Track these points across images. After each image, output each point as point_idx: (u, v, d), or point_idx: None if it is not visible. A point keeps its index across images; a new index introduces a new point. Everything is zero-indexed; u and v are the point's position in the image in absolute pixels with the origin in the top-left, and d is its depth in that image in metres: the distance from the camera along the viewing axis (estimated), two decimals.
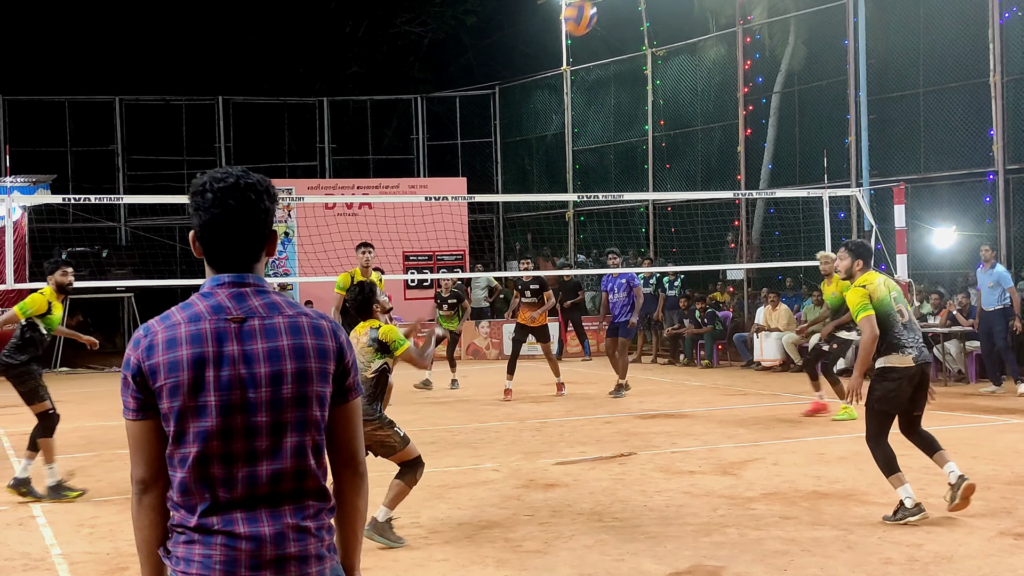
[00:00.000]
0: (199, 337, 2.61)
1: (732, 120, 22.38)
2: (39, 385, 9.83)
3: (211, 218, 2.67)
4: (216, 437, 2.58)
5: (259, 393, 2.60)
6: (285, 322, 2.67)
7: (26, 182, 23.46)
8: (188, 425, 2.59)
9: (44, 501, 9.08)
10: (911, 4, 19.14)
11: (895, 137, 19.47)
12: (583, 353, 22.43)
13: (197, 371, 2.59)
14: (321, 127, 29.09)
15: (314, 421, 2.67)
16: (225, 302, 2.67)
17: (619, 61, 25.43)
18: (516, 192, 27.72)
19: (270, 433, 2.61)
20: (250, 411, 2.60)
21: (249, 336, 2.63)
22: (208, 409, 2.58)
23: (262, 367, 2.61)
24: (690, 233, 22.66)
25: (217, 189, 2.67)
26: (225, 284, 2.70)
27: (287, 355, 2.63)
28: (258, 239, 2.73)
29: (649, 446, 11.10)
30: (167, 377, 2.59)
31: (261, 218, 2.71)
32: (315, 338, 2.69)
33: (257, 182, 2.71)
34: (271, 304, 2.70)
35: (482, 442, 11.71)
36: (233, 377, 2.59)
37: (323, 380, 2.68)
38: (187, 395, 2.58)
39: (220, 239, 2.70)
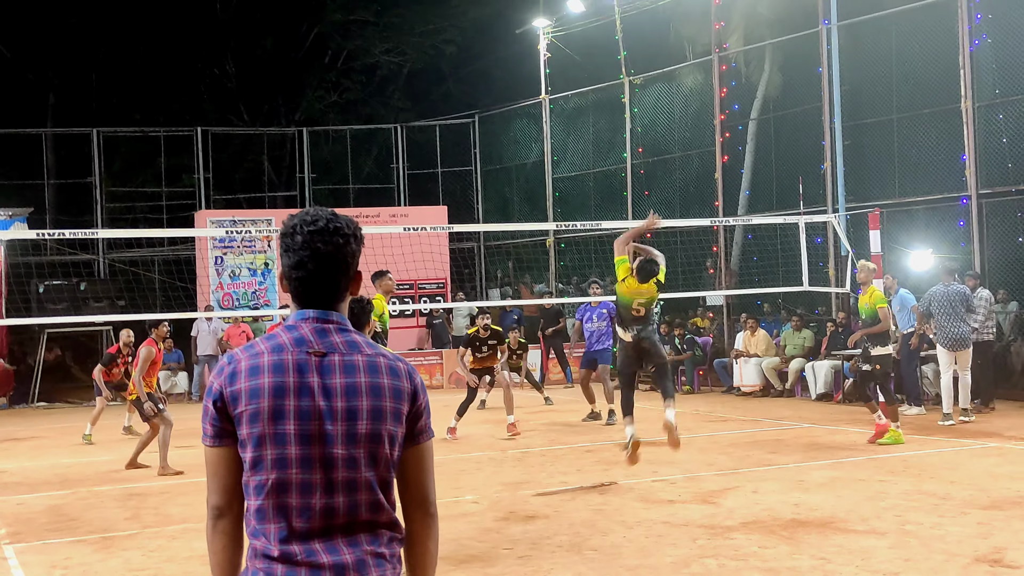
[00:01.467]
0: (281, 367, 2.69)
1: (709, 147, 22.52)
2: None
3: (300, 260, 2.78)
4: (295, 465, 2.65)
5: (336, 426, 2.67)
6: (364, 360, 2.75)
7: (2, 215, 23.37)
8: (266, 452, 2.66)
9: None
10: (883, 32, 19.34)
11: (870, 163, 19.62)
12: (565, 380, 22.45)
13: (278, 399, 2.67)
14: (300, 157, 29.12)
15: (385, 459, 2.73)
16: (308, 336, 2.75)
17: (597, 89, 25.57)
18: (497, 220, 27.76)
19: (346, 466, 2.67)
20: (328, 443, 2.66)
21: (329, 370, 2.71)
22: (287, 437, 2.65)
23: (339, 402, 2.68)
24: (669, 259, 22.62)
25: (307, 232, 2.78)
26: (309, 319, 2.78)
27: (364, 392, 2.71)
28: (343, 280, 2.83)
29: (629, 475, 11.10)
30: (248, 403, 2.67)
31: (348, 260, 2.82)
32: (391, 378, 2.76)
33: (345, 225, 2.81)
34: (352, 342, 2.78)
35: (463, 473, 11.70)
36: (312, 408, 2.67)
37: (396, 420, 2.75)
38: (267, 422, 2.66)
39: (307, 280, 2.80)
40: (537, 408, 16.89)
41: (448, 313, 24.36)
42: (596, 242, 25.09)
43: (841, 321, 18.46)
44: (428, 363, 23.11)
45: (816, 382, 18.15)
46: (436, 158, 29.20)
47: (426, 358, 23.26)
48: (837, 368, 17.91)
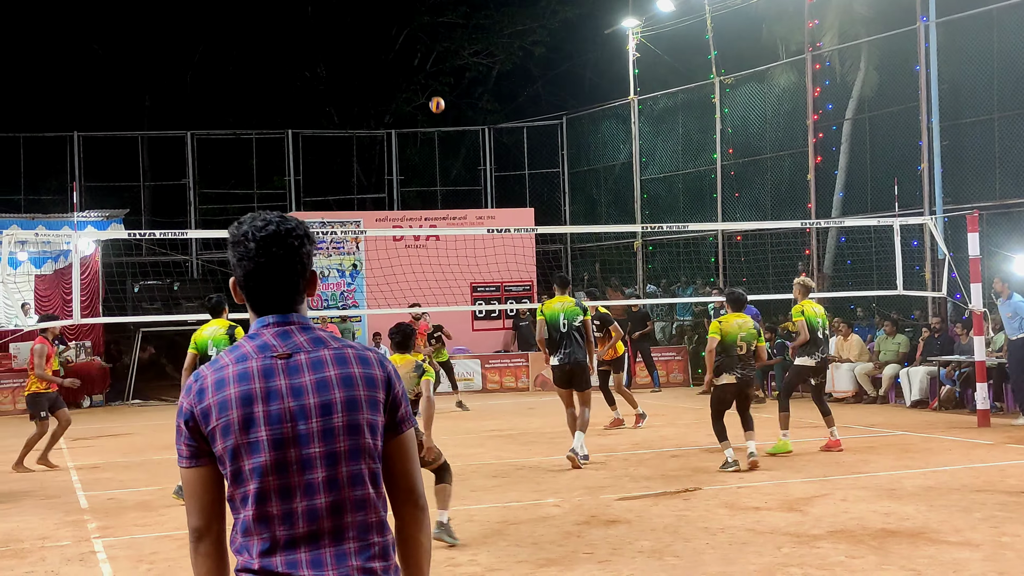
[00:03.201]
0: (246, 375, 2.63)
1: (802, 148, 22.10)
2: None
3: (256, 267, 2.70)
4: (271, 472, 2.58)
5: (310, 424, 2.60)
6: (331, 354, 2.68)
7: (99, 216, 23.92)
8: (243, 463, 2.60)
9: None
10: (984, 28, 18.76)
11: (969, 163, 19.05)
12: (652, 384, 22.20)
13: (246, 408, 2.60)
14: (389, 159, 29.31)
15: (368, 449, 2.65)
16: (271, 340, 2.69)
17: (687, 90, 25.29)
18: (584, 222, 27.63)
19: (325, 464, 2.60)
20: (302, 443, 2.59)
21: (296, 370, 2.64)
22: (260, 444, 2.59)
23: (311, 398, 2.61)
24: (760, 262, 22.38)
25: (260, 239, 2.69)
26: (270, 324, 2.72)
27: (335, 384, 2.64)
28: (301, 282, 2.75)
29: (715, 481, 10.90)
30: (218, 417, 2.61)
31: (304, 262, 2.74)
32: (362, 367, 2.69)
33: (295, 226, 2.73)
34: (316, 339, 2.71)
35: (546, 476, 11.60)
36: (283, 411, 2.60)
37: (373, 408, 2.67)
38: (238, 433, 2.59)
39: (265, 286, 2.72)
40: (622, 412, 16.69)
41: (534, 315, 24.24)
42: (684, 244, 24.81)
43: (936, 326, 17.94)
44: (514, 365, 23.06)
45: (911, 388, 17.66)
46: (524, 160, 29.18)
47: (512, 360, 23.21)
48: (933, 374, 17.42)
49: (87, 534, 9.31)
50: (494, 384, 22.81)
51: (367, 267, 23.79)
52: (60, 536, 9.28)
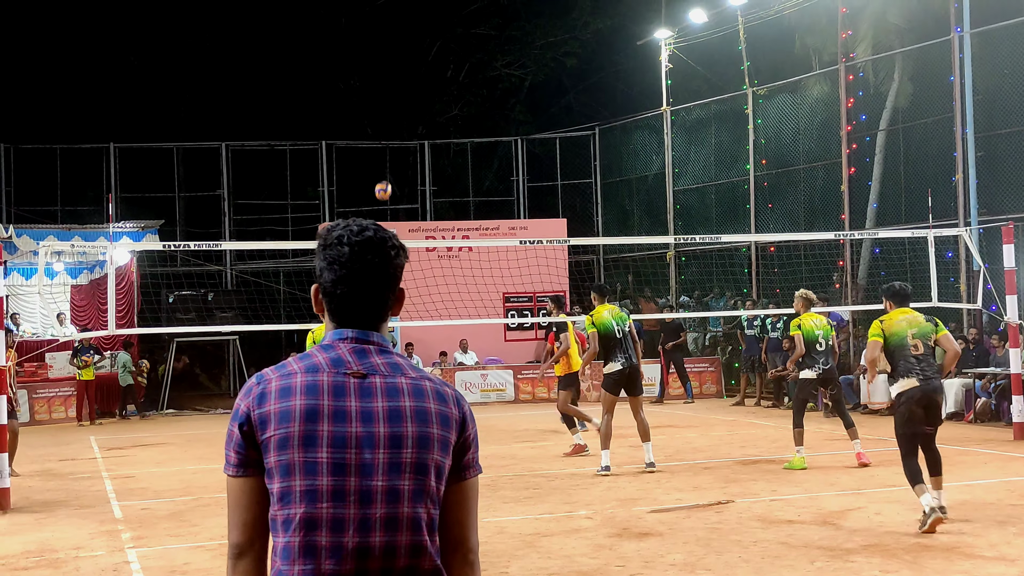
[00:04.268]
0: (315, 388, 2.45)
1: (835, 159, 22.00)
2: None
3: (348, 273, 2.53)
4: (326, 499, 2.40)
5: (376, 455, 2.42)
6: (408, 383, 2.51)
7: (135, 227, 24.15)
8: (295, 483, 2.41)
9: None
10: (1019, 39, 18.62)
11: (1004, 174, 18.89)
12: (685, 395, 22.15)
13: (310, 423, 2.42)
14: (422, 170, 29.43)
15: (431, 493, 2.48)
16: (346, 356, 2.51)
17: (720, 100, 25.25)
18: (617, 233, 27.62)
19: (386, 500, 2.42)
20: (365, 474, 2.41)
21: (369, 393, 2.46)
22: (319, 466, 2.40)
23: (382, 427, 2.44)
24: (794, 274, 22.27)
25: (355, 243, 2.54)
26: (348, 339, 2.54)
27: (409, 417, 2.46)
28: (389, 297, 2.59)
29: (748, 493, 10.86)
30: (277, 427, 2.42)
31: (397, 275, 2.59)
32: (438, 403, 2.51)
33: (392, 236, 2.60)
34: (394, 364, 2.54)
35: (577, 488, 11.59)
36: (349, 434, 2.42)
37: (444, 450, 2.49)
38: (296, 448, 2.41)
39: (352, 295, 2.55)
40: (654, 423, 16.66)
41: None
42: (717, 255, 24.74)
43: (973, 338, 17.80)
44: (546, 375, 23.00)
45: (946, 401, 17.49)
46: (556, 171, 29.22)
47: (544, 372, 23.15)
48: (968, 387, 17.27)
49: (121, 544, 9.38)
50: (526, 395, 22.82)
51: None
52: (94, 546, 9.36)
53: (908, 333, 9.11)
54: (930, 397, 9.05)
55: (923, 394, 8.98)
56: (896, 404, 9.15)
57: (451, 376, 22.49)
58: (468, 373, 22.86)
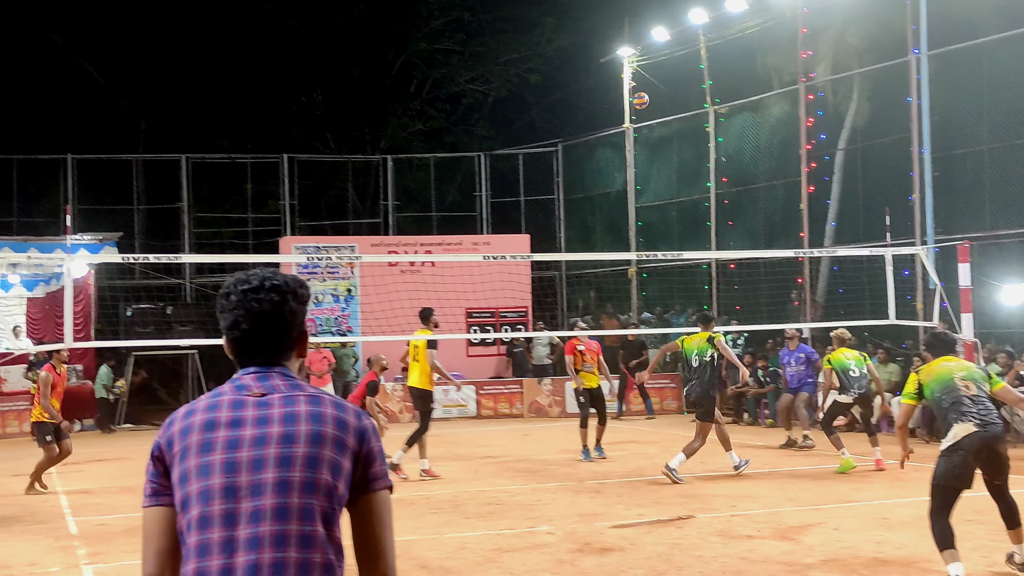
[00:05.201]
0: (216, 405, 2.62)
1: (795, 177, 22.21)
2: None
3: (235, 319, 2.70)
4: (219, 496, 2.50)
5: (267, 451, 2.53)
6: (306, 396, 2.64)
7: (92, 240, 23.91)
8: (191, 487, 2.52)
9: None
10: (975, 61, 18.91)
11: (960, 194, 19.16)
12: (646, 412, 22.21)
13: (207, 432, 2.57)
14: (384, 184, 29.41)
15: (324, 485, 2.53)
16: (248, 382, 2.67)
17: (682, 119, 25.42)
18: (579, 249, 27.71)
19: (276, 491, 2.50)
20: (256, 469, 2.51)
21: (266, 404, 2.61)
22: (212, 467, 2.53)
23: (275, 427, 2.56)
24: (754, 290, 22.45)
25: (240, 291, 2.71)
26: (251, 373, 2.70)
27: (303, 418, 2.58)
28: (283, 340, 2.73)
29: (708, 509, 10.92)
30: (180, 443, 2.58)
31: (286, 319, 2.72)
32: (335, 410, 2.63)
33: (283, 284, 2.73)
34: (294, 384, 2.68)
35: (539, 504, 11.61)
36: (242, 437, 2.55)
37: (339, 449, 2.57)
38: (195, 456, 2.54)
39: (244, 339, 2.71)
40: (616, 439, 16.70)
41: (528, 342, 24.30)
42: (679, 272, 24.88)
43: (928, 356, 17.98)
44: (508, 391, 23.06)
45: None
46: (519, 187, 29.29)
47: (506, 387, 23.21)
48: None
49: (76, 560, 9.28)
50: (488, 410, 22.81)
51: (362, 292, 23.79)
52: (49, 562, 9.26)
53: (955, 375, 7.78)
54: (991, 447, 7.57)
55: (983, 443, 7.49)
56: (946, 452, 7.62)
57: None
58: None
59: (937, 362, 7.96)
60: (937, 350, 8.14)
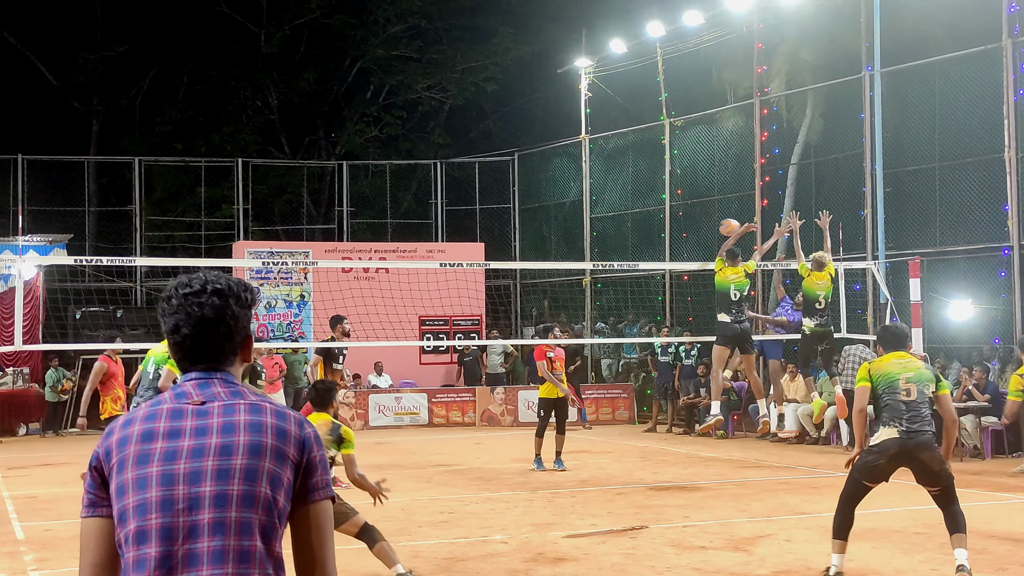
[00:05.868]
0: (154, 415, 2.57)
1: (749, 190, 22.41)
2: None
3: (176, 323, 2.65)
4: (155, 510, 2.45)
5: (206, 462, 2.48)
6: (246, 404, 2.59)
7: (42, 241, 23.59)
8: (128, 499, 2.47)
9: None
10: (927, 79, 19.21)
11: (911, 210, 19.45)
12: (580, 420, 22.01)
13: (145, 444, 2.51)
14: (340, 190, 29.29)
15: (263, 499, 2.49)
16: (189, 390, 2.62)
17: (637, 130, 25.56)
18: (534, 258, 27.75)
19: (214, 505, 2.45)
20: (192, 481, 2.46)
21: (205, 413, 2.56)
22: (149, 479, 2.47)
23: (213, 438, 2.51)
24: (707, 302, 22.56)
25: (181, 295, 2.65)
26: (192, 379, 2.66)
27: (242, 428, 2.53)
28: (225, 345, 2.68)
29: (661, 519, 10.97)
30: (117, 454, 2.52)
31: (228, 324, 2.67)
32: (276, 419, 2.58)
33: (226, 287, 2.68)
34: (236, 391, 2.63)
35: (492, 513, 11.60)
36: (180, 448, 2.50)
37: (279, 460, 2.53)
38: (131, 467, 2.49)
39: (185, 343, 2.66)
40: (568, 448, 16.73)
41: (482, 350, 24.30)
42: (633, 283, 24.99)
43: None
44: (460, 400, 23.02)
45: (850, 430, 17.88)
46: (475, 195, 29.29)
47: (459, 395, 23.18)
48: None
49: (23, 566, 9.15)
50: (440, 418, 22.76)
51: (315, 298, 23.68)
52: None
53: (901, 376, 7.84)
54: (912, 454, 7.71)
55: (901, 449, 7.70)
56: (869, 450, 7.89)
57: (365, 398, 22.35)
58: (382, 396, 22.73)
59: (888, 358, 8.03)
60: (889, 344, 8.16)
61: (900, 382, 7.80)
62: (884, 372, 7.90)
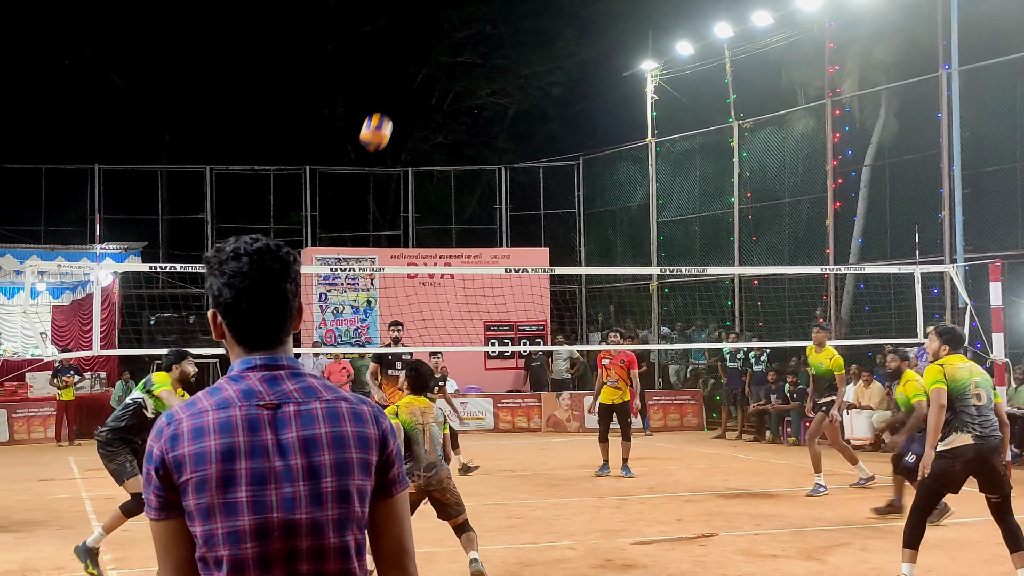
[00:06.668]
0: (229, 425, 2.38)
1: (821, 193, 22.03)
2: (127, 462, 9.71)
3: (250, 284, 2.44)
4: (250, 538, 2.35)
5: (296, 487, 2.38)
6: (323, 408, 2.45)
7: (117, 249, 24.00)
8: (216, 526, 2.36)
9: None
10: (1007, 78, 18.70)
11: (991, 212, 18.94)
12: (643, 429, 21.67)
13: (227, 463, 2.36)
14: (405, 196, 29.36)
15: (357, 518, 2.45)
16: (257, 386, 2.44)
17: (705, 133, 25.28)
18: (599, 263, 27.58)
19: (311, 533, 2.38)
20: (287, 508, 2.37)
21: (284, 424, 2.41)
22: (239, 507, 2.35)
23: (298, 459, 2.39)
24: (777, 307, 22.25)
25: (253, 252, 2.45)
26: (257, 367, 2.47)
27: (325, 445, 2.42)
28: (290, 312, 2.51)
29: (731, 527, 10.76)
30: (194, 471, 2.36)
31: (297, 282, 2.52)
32: (355, 425, 2.47)
33: (284, 245, 2.52)
34: (307, 388, 2.48)
35: (560, 518, 11.47)
36: (267, 470, 2.37)
37: (364, 472, 2.46)
38: (215, 491, 2.35)
39: (257, 309, 2.46)
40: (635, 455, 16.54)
41: (548, 356, 24.17)
42: (701, 287, 24.72)
43: None
44: (526, 405, 22.92)
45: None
46: (539, 200, 29.19)
47: (524, 400, 23.08)
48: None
49: (102, 566, 9.20)
50: (506, 424, 22.68)
51: (381, 304, 23.73)
52: (75, 567, 9.20)
53: (971, 381, 7.80)
54: (985, 459, 7.71)
55: (977, 454, 7.67)
56: (941, 455, 7.79)
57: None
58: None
59: (954, 361, 7.89)
60: (956, 345, 8.04)
61: (971, 387, 7.75)
62: (954, 376, 7.79)
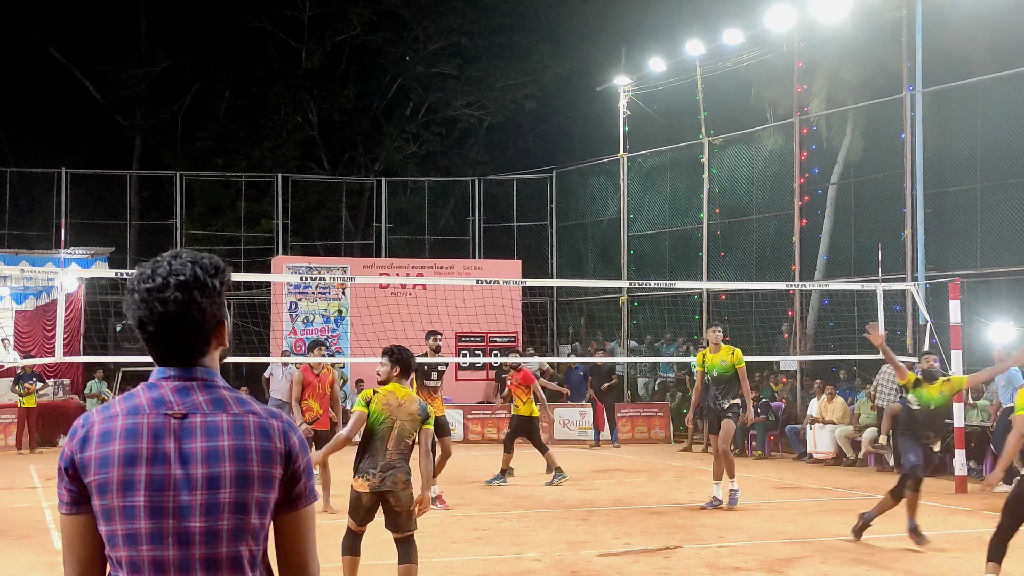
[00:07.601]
0: (135, 432, 2.46)
1: (788, 210, 22.31)
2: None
3: (140, 320, 2.53)
4: (146, 541, 2.42)
5: (194, 496, 2.44)
6: (229, 420, 2.51)
7: (84, 254, 23.88)
8: (117, 527, 2.44)
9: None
10: (969, 100, 19.06)
11: (951, 231, 19.27)
12: (611, 441, 21.89)
13: (128, 468, 2.44)
14: (378, 206, 29.44)
15: (253, 530, 2.49)
16: (168, 396, 2.51)
17: (676, 148, 25.53)
18: (571, 276, 27.75)
19: (204, 541, 2.44)
20: (183, 515, 2.43)
21: (188, 434, 2.47)
22: (137, 510, 2.43)
23: (199, 468, 2.45)
24: (743, 322, 22.49)
25: (144, 290, 2.52)
26: (171, 377, 2.54)
27: (227, 457, 2.47)
28: (196, 338, 2.55)
29: (695, 539, 10.91)
30: (97, 472, 2.45)
31: (195, 317, 2.53)
32: (260, 439, 2.51)
33: (191, 278, 2.52)
34: (217, 400, 2.53)
35: (526, 530, 11.58)
36: (166, 477, 2.44)
37: (266, 486, 2.50)
38: (115, 494, 2.43)
39: (154, 340, 2.54)
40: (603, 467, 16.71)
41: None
42: (670, 301, 24.93)
43: None
44: (496, 417, 23.01)
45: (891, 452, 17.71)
46: (512, 212, 29.35)
47: (494, 412, 23.17)
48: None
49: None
50: (476, 435, 22.77)
51: (352, 313, 23.78)
52: None
53: None
54: None
55: None
56: (1021, 482, 7.95)
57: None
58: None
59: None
60: None
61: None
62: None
